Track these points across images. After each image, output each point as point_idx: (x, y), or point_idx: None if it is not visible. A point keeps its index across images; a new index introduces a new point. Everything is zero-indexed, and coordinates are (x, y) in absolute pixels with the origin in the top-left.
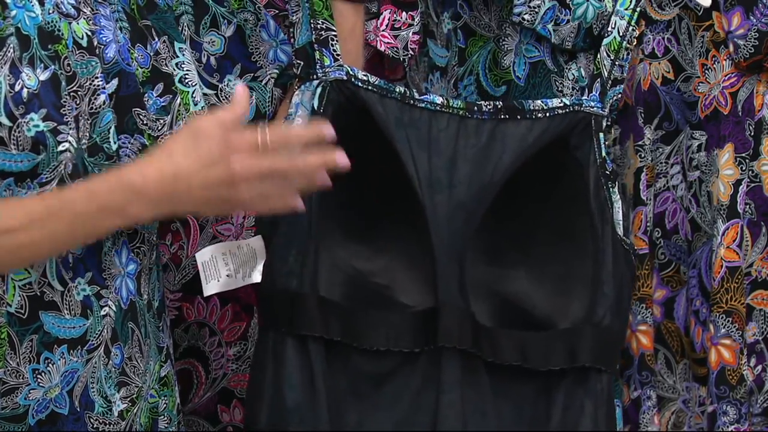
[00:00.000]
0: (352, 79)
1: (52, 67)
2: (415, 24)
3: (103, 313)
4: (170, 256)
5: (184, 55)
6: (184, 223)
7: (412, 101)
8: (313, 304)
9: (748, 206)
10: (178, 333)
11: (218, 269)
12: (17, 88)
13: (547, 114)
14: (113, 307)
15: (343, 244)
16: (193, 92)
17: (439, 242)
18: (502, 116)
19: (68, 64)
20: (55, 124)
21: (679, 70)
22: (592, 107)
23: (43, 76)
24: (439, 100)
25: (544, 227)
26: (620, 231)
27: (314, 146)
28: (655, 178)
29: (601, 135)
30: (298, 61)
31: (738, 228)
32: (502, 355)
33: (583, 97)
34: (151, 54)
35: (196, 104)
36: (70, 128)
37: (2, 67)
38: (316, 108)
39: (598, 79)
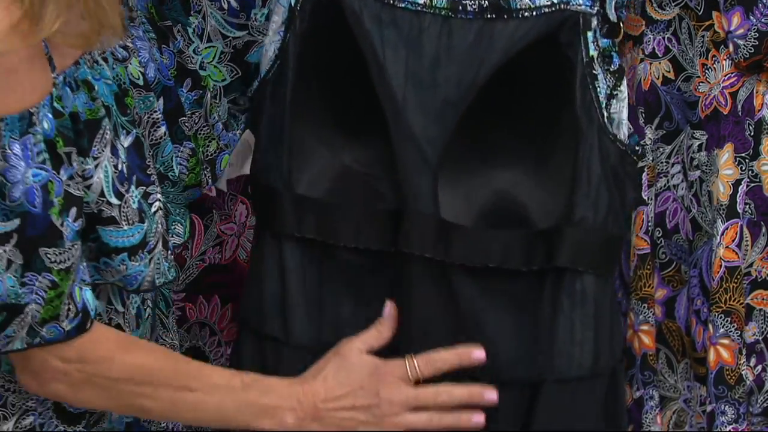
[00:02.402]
0: None
1: (134, 131)
2: None
3: (146, 315)
4: (174, 257)
5: (198, 37)
6: (189, 223)
7: (393, 1)
8: (288, 202)
9: (747, 206)
10: (181, 333)
11: None
12: (120, 167)
13: (534, 13)
14: (150, 305)
15: (319, 141)
16: (217, 71)
17: (418, 142)
18: (488, 16)
19: (137, 112)
20: (145, 188)
21: (679, 69)
22: (580, 5)
23: (127, 142)
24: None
25: (528, 126)
26: (624, 131)
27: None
28: (656, 177)
29: (589, 34)
30: None
31: (737, 228)
32: (481, 257)
33: None
34: (175, 52)
35: (224, 80)
36: (157, 186)
37: (104, 150)
38: (293, 5)
39: None
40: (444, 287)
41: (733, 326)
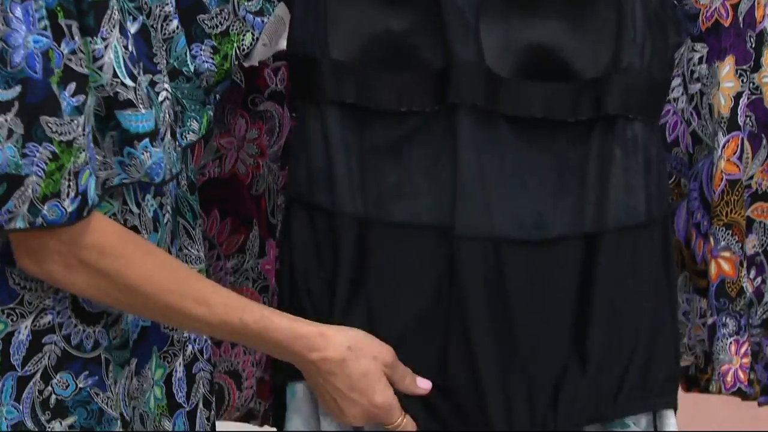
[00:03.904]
0: None
1: (140, 17)
2: None
3: (165, 221)
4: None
5: None
6: (207, 119)
7: None
8: (326, 68)
9: (748, 118)
10: None
11: None
12: (130, 48)
13: None
14: (170, 211)
15: (358, 5)
16: None
17: None
18: None
19: (145, 3)
20: (151, 76)
21: None
22: None
23: (133, 28)
24: None
25: None
26: None
27: None
28: None
29: None
30: None
31: (738, 140)
32: (527, 108)
33: None
34: None
35: None
36: (164, 75)
37: (113, 31)
38: None
39: None
40: (490, 145)
41: (734, 239)
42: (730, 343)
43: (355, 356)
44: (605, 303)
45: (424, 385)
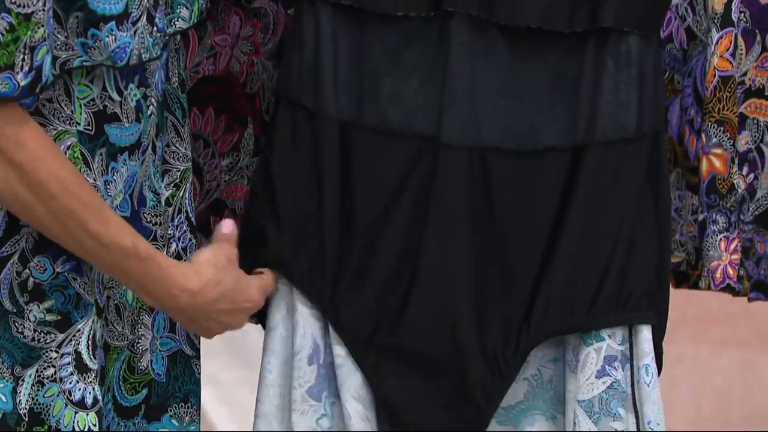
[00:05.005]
0: None
1: None
2: None
3: (149, 112)
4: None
5: None
6: (183, 36)
7: None
8: None
9: (742, 14)
10: None
11: None
12: None
13: None
14: (155, 104)
15: None
16: None
17: None
18: None
19: None
20: None
21: None
22: None
23: None
24: None
25: None
26: None
27: None
28: None
29: None
30: None
31: (732, 37)
32: (522, 17)
33: None
34: None
35: None
36: None
37: None
38: None
39: None
40: (484, 54)
41: (726, 136)
42: (720, 239)
43: (216, 280)
44: (581, 213)
45: (225, 229)
